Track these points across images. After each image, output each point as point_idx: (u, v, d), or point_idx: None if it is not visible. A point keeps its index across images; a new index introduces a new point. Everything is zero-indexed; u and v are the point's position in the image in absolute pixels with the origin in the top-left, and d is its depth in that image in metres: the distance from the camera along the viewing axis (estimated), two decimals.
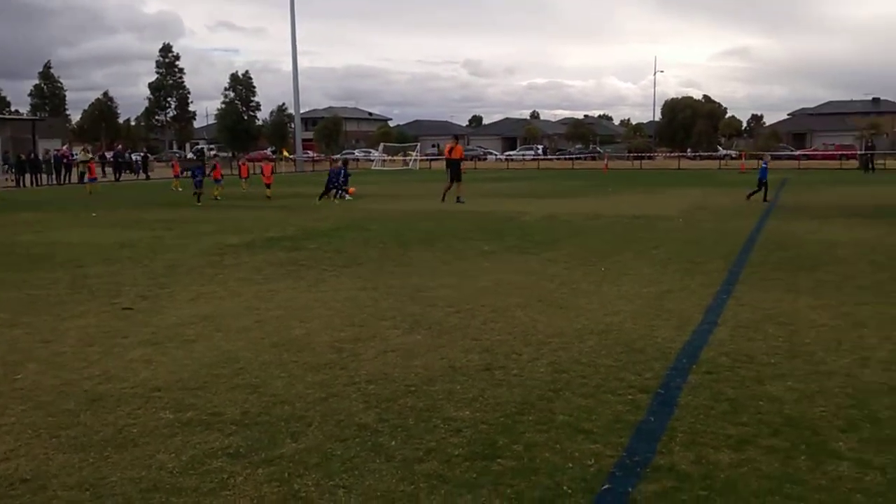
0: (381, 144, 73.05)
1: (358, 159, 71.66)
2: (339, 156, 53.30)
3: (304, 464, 4.08)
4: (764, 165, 22.51)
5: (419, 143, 75.80)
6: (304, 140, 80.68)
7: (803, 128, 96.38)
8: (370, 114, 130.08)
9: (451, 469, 4.00)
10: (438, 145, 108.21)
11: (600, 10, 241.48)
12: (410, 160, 64.05)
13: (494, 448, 4.26)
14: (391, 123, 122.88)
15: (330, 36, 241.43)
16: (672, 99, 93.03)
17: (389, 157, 69.43)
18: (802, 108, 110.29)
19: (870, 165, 44.29)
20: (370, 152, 79.09)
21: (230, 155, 72.54)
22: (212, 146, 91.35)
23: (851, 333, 6.67)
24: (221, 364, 5.94)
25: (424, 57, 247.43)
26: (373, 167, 63.54)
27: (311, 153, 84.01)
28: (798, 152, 69.28)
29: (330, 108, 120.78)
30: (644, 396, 5.09)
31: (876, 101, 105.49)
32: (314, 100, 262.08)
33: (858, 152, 50.59)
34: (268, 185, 26.25)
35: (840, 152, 60.98)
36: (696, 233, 14.17)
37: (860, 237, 13.17)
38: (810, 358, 5.93)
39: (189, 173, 26.25)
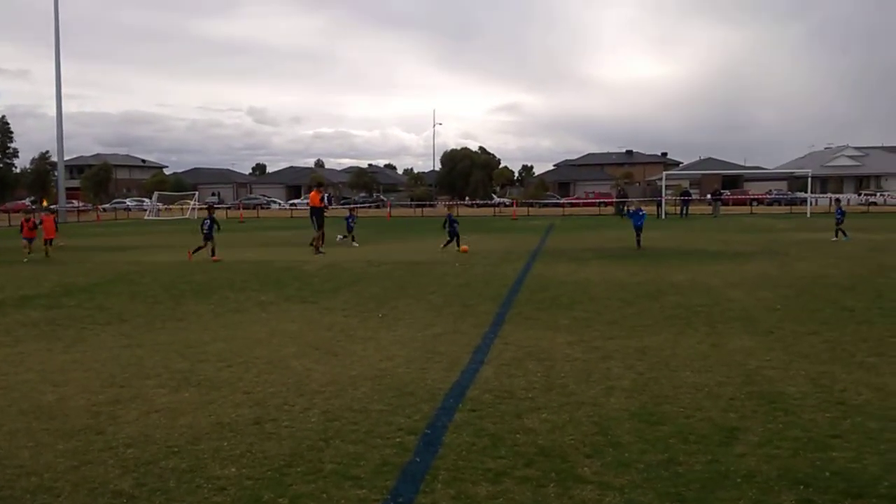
0: (155, 193, 69.39)
1: (130, 208, 67.59)
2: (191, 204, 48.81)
3: None
4: (640, 212, 23.16)
5: (197, 192, 72.93)
6: (69, 189, 74.86)
7: (567, 177, 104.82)
8: (144, 161, 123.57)
9: None
10: (219, 193, 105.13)
11: (384, 64, 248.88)
12: (188, 209, 61.39)
13: (259, 503, 4.17)
14: (167, 171, 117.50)
15: (104, 79, 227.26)
16: (451, 150, 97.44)
17: (165, 207, 66.12)
18: (566, 160, 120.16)
19: (624, 211, 49.00)
20: (143, 201, 74.88)
21: None
22: None
23: (600, 365, 7.31)
24: None
25: (206, 103, 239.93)
26: (146, 217, 60.14)
27: (76, 202, 78.09)
28: (563, 200, 75.10)
29: (99, 154, 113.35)
30: (412, 438, 5.23)
31: (629, 152, 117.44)
32: (84, 146, 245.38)
33: (614, 200, 55.85)
34: (49, 241, 21.74)
35: (598, 200, 66.99)
36: (470, 277, 14.85)
37: (612, 277, 14.50)
38: (563, 390, 6.42)
39: None
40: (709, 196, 56.14)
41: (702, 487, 4.33)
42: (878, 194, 72.09)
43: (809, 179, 55.63)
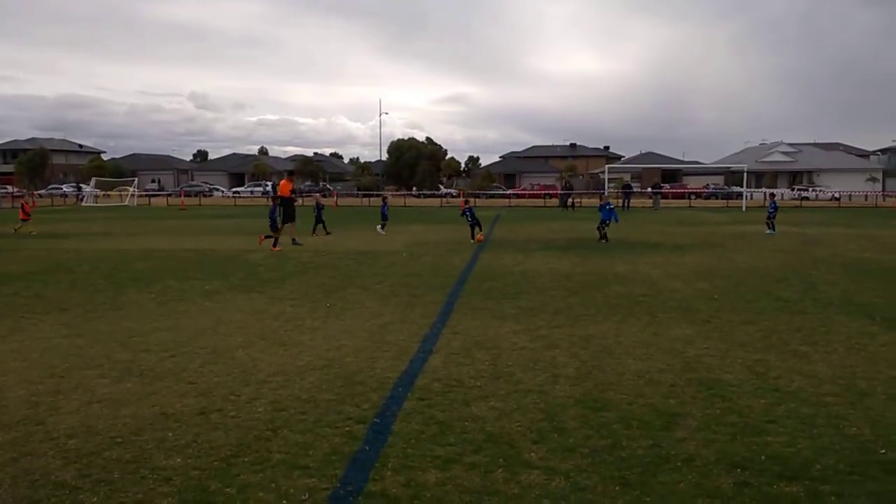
0: (93, 179, 67.48)
1: (66, 194, 65.69)
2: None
3: None
4: (608, 206, 22.85)
5: (137, 178, 71.22)
6: (3, 174, 72.28)
7: (513, 169, 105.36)
8: (81, 146, 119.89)
9: None
10: (159, 180, 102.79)
11: (330, 51, 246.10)
12: (127, 196, 59.94)
13: (206, 493, 4.15)
14: (105, 157, 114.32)
15: (39, 62, 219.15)
16: (398, 140, 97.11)
17: (103, 193, 64.41)
18: (512, 151, 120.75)
19: (568, 203, 49.61)
20: (81, 187, 72.81)
21: None
22: None
23: (546, 354, 7.44)
24: None
25: (146, 88, 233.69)
26: (84, 203, 58.49)
27: (9, 188, 75.46)
28: (509, 191, 75.60)
29: (34, 139, 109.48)
30: (361, 427, 5.26)
31: (573, 146, 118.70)
32: (18, 130, 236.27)
33: (559, 192, 56.42)
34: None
35: (543, 191, 67.64)
36: (418, 267, 14.88)
37: (556, 267, 14.71)
38: (510, 378, 6.52)
39: None
40: (649, 189, 57.19)
41: (644, 471, 4.46)
42: (811, 189, 74.50)
43: (745, 174, 57.14)
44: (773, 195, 27.99)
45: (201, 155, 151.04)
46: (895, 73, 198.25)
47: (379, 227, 24.09)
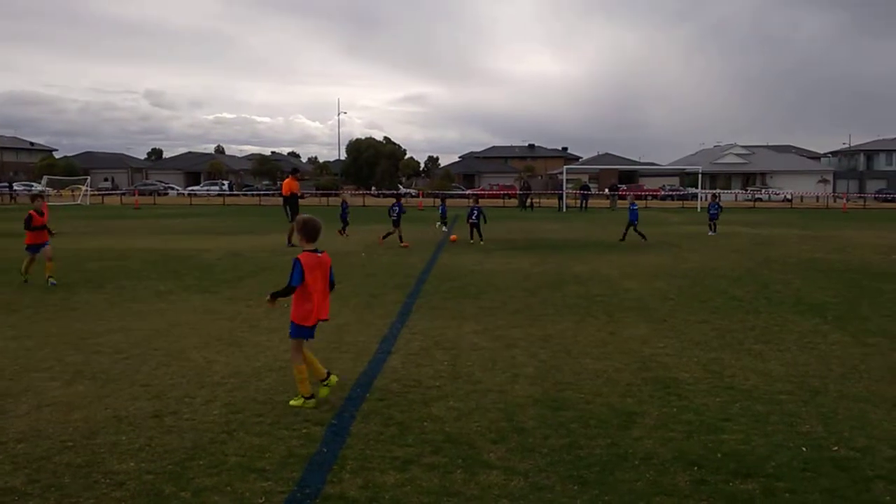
0: (45, 177, 65.87)
1: (17, 193, 63.91)
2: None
3: None
4: (633, 207, 23.44)
5: (90, 177, 69.71)
6: None
7: (472, 169, 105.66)
8: (32, 144, 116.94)
9: None
10: (112, 179, 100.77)
11: (288, 50, 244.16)
12: (80, 195, 58.62)
13: (160, 498, 4.06)
14: (58, 154, 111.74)
15: None
16: (357, 139, 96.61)
17: (55, 192, 62.92)
18: (471, 152, 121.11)
19: (527, 203, 49.87)
20: (32, 186, 71.01)
21: None
22: None
23: (505, 353, 7.45)
24: None
25: (100, 85, 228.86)
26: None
27: None
28: (468, 191, 75.73)
29: None
30: (318, 429, 5.20)
31: (532, 146, 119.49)
32: None
33: (518, 192, 56.70)
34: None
35: (502, 192, 67.91)
36: (377, 267, 14.80)
37: (516, 267, 14.76)
38: (469, 378, 6.51)
39: None
40: (607, 190, 57.81)
41: (602, 469, 4.48)
42: (764, 191, 76.06)
43: (700, 176, 58.11)
44: (714, 196, 28.31)
45: (156, 153, 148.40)
46: (845, 78, 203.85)
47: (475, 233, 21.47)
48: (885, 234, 25.97)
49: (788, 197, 68.26)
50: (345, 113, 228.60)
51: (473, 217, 21.17)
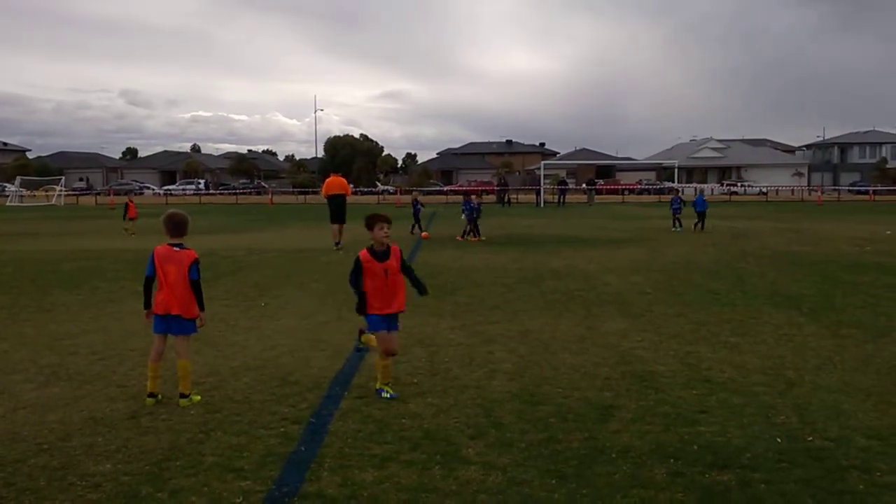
0: (18, 178, 64.98)
1: None
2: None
3: None
4: (701, 198, 23.67)
5: (64, 177, 68.86)
6: None
7: (450, 166, 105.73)
8: (5, 144, 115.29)
9: None
10: (87, 179, 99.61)
11: (264, 47, 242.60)
12: (55, 195, 57.91)
13: (137, 499, 4.02)
14: (31, 155, 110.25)
15: None
16: (334, 136, 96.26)
17: (29, 192, 62.09)
18: (449, 148, 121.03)
19: (505, 200, 49.98)
20: (5, 187, 70.07)
21: None
22: None
23: (483, 349, 7.46)
24: None
25: (74, 84, 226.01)
26: (8, 203, 56.24)
27: None
28: (446, 188, 75.74)
29: None
30: (296, 427, 5.18)
31: (509, 142, 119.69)
32: None
33: (495, 188, 56.79)
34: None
35: (480, 188, 67.93)
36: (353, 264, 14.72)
37: (494, 263, 14.79)
38: (447, 374, 6.52)
39: None
40: (584, 185, 58.09)
41: (580, 463, 4.51)
42: (739, 184, 76.79)
43: (676, 170, 58.63)
44: (676, 191, 28.44)
45: (131, 153, 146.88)
46: (819, 72, 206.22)
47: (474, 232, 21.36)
48: (859, 226, 26.32)
49: (764, 190, 68.93)
50: (322, 110, 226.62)
51: (472, 215, 21.08)
